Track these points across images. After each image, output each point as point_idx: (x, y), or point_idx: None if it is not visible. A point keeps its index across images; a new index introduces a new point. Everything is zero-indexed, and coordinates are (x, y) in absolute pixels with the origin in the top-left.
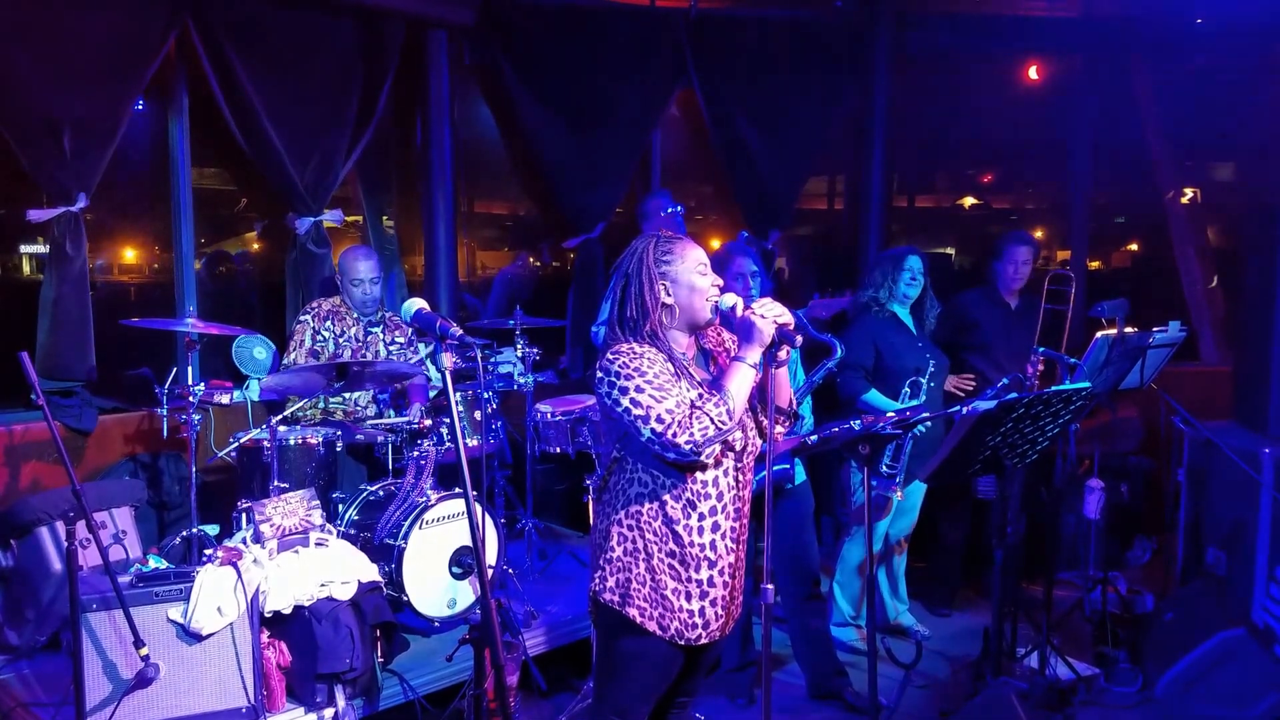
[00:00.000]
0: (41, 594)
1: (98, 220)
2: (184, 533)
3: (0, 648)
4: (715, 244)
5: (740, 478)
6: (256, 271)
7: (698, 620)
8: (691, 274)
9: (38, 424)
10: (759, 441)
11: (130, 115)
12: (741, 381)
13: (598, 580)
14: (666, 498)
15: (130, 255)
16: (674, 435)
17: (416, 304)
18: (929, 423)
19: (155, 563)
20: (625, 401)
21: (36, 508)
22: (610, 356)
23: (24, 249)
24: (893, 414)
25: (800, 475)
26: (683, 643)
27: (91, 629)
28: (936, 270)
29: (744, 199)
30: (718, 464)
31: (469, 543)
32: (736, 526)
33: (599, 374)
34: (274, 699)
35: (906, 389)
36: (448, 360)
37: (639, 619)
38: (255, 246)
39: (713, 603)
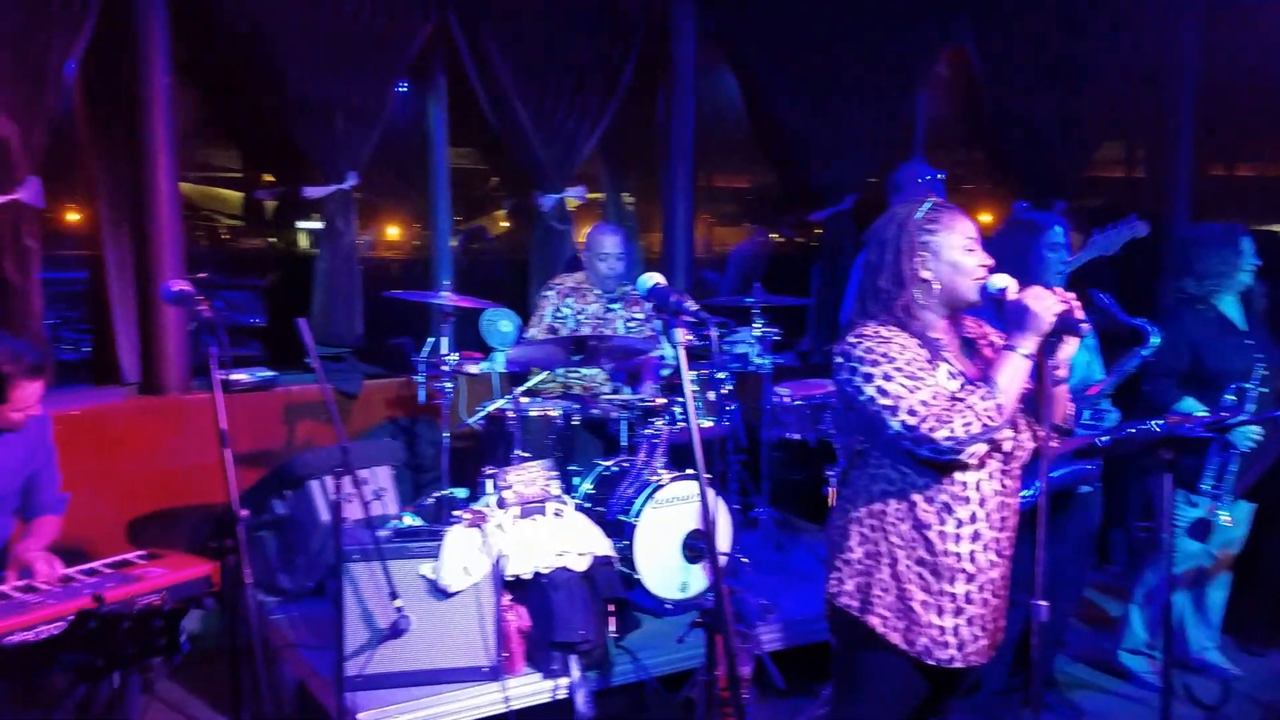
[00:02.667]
0: (311, 542)
1: (365, 199)
2: (436, 494)
3: (273, 590)
4: (986, 218)
5: (1007, 483)
6: (504, 247)
7: (950, 639)
8: (956, 248)
9: (312, 386)
10: (1030, 444)
11: (393, 97)
12: (1013, 373)
13: (834, 582)
14: (917, 498)
15: (394, 232)
16: (930, 430)
17: (653, 278)
18: (1257, 431)
19: (410, 520)
20: (870, 390)
21: (308, 462)
22: (853, 339)
23: (300, 225)
24: (1203, 413)
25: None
26: (931, 662)
27: (353, 578)
28: (1266, 253)
29: (1021, 166)
30: (980, 465)
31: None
32: (1001, 538)
33: (838, 358)
34: (514, 661)
35: (1231, 397)
36: (681, 336)
37: (880, 629)
38: (504, 224)
39: (970, 621)
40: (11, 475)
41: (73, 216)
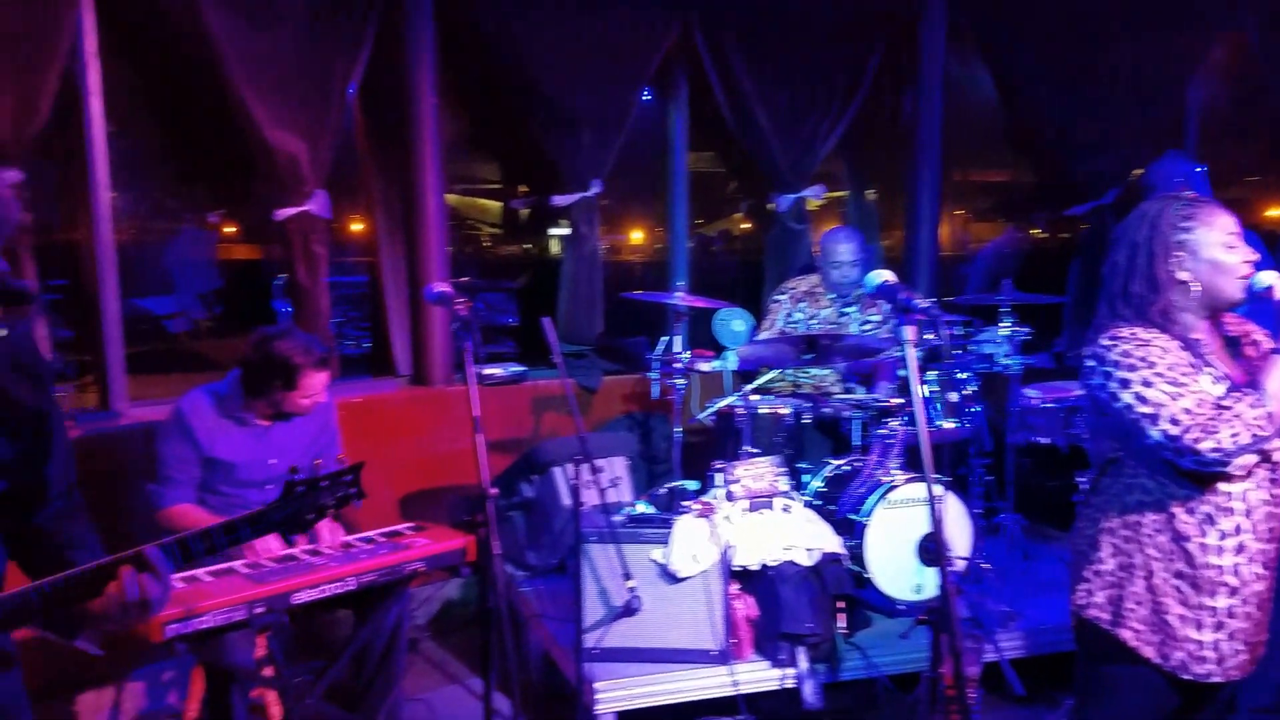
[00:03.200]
0: (554, 523)
1: (610, 205)
2: (667, 485)
3: (522, 565)
4: (1273, 212)
5: (1276, 493)
6: (741, 249)
7: (1209, 654)
8: (1216, 245)
9: (556, 381)
10: None
11: (636, 106)
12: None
13: (1082, 593)
14: (1177, 510)
15: (636, 236)
16: (1195, 441)
17: (882, 275)
18: None
19: (643, 508)
20: (1127, 396)
21: (553, 450)
22: (1107, 342)
23: (552, 231)
24: None
25: None
26: (1187, 677)
27: (590, 558)
28: None
29: None
30: (1248, 475)
31: (945, 530)
32: (1268, 549)
33: (1090, 361)
34: (741, 648)
35: None
36: (909, 333)
37: (1133, 643)
38: (743, 226)
39: (1230, 636)
40: (302, 453)
41: (355, 226)
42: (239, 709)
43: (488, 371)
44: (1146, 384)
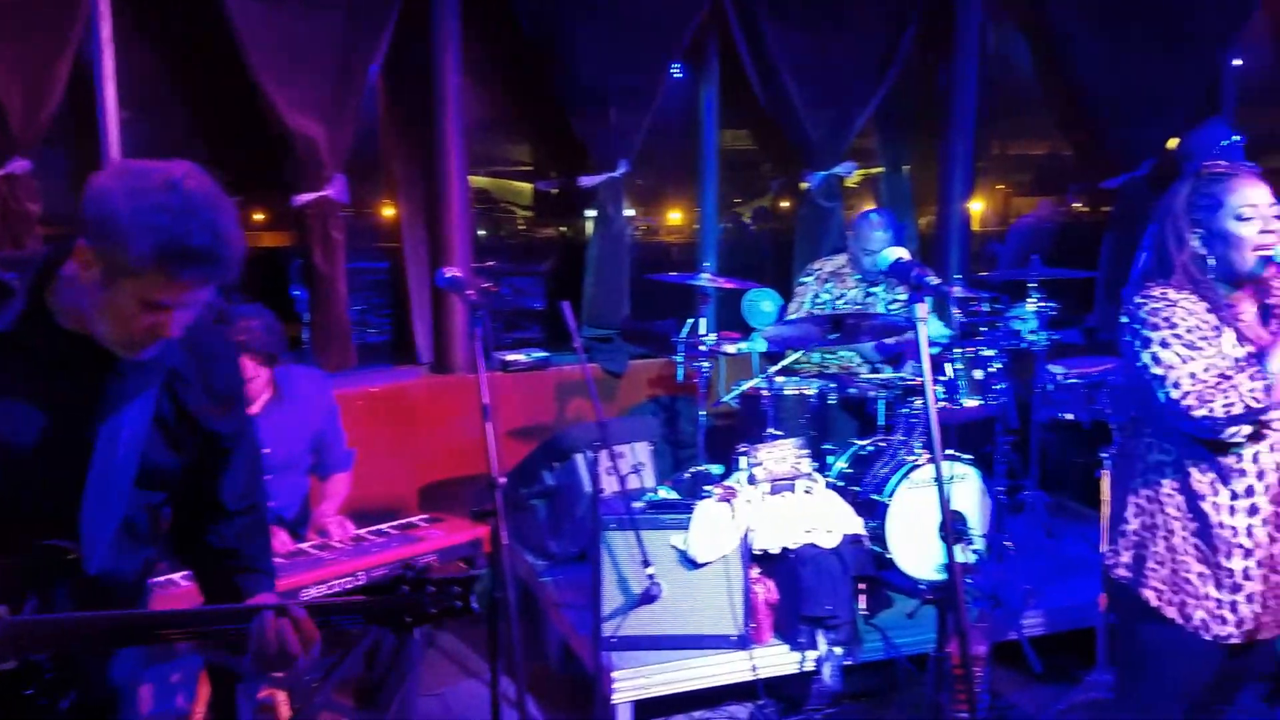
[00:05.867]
0: (575, 511)
1: (645, 185)
2: (692, 469)
3: (544, 555)
4: None
5: None
6: (774, 228)
7: (1227, 614)
8: (1227, 220)
9: (580, 366)
10: None
11: (666, 82)
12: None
13: (1110, 554)
14: (1192, 469)
15: (675, 217)
16: (1190, 407)
17: (895, 253)
18: None
19: (665, 493)
20: (1146, 356)
21: (575, 436)
22: (1139, 300)
23: (587, 213)
24: None
25: None
26: (1208, 637)
27: (609, 546)
28: None
29: None
30: (1261, 437)
31: (960, 508)
32: None
33: (1124, 318)
34: (761, 632)
35: None
36: (922, 310)
37: (1155, 602)
38: (779, 204)
39: (1249, 598)
40: (294, 440)
41: (385, 211)
42: (244, 710)
43: (510, 358)
44: (1164, 344)
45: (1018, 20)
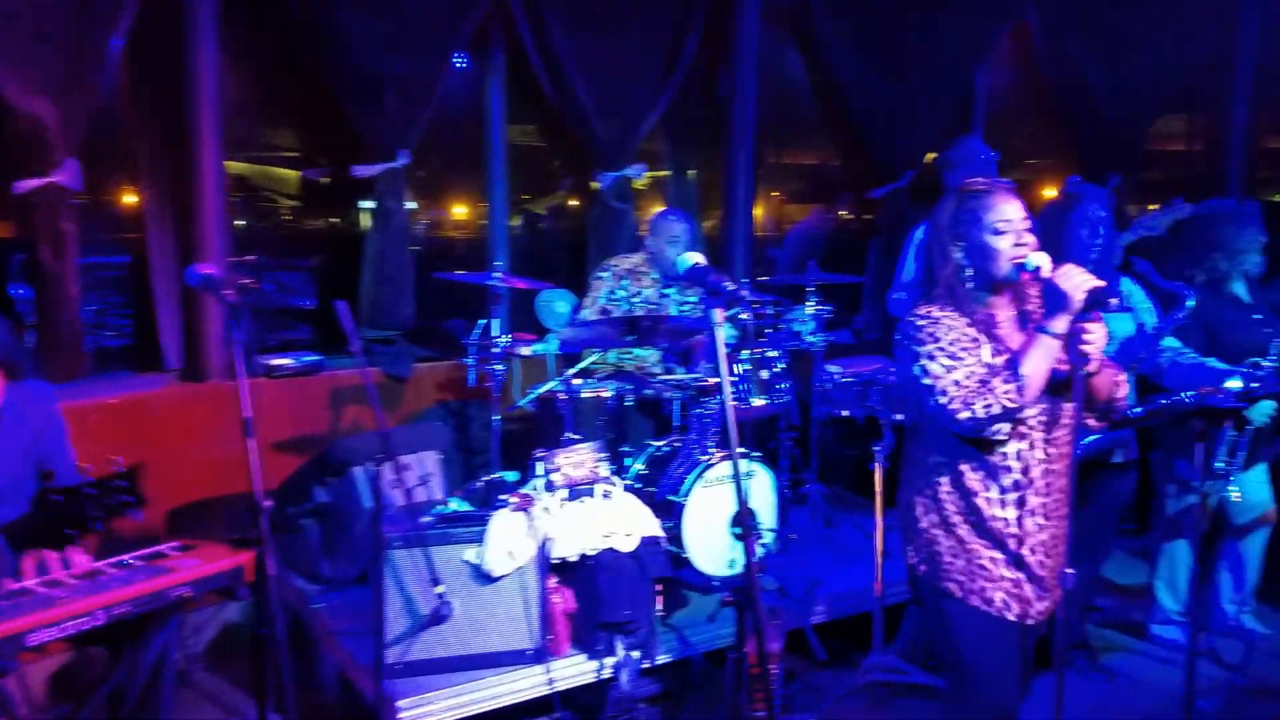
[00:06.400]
0: (353, 529)
1: (428, 177)
2: (485, 477)
3: (315, 579)
4: (1048, 193)
5: (1051, 451)
6: (565, 228)
7: (1015, 596)
8: (985, 233)
9: (358, 370)
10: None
11: (449, 73)
12: (1040, 355)
13: (910, 553)
14: (964, 468)
15: (459, 211)
16: (955, 411)
17: (692, 258)
18: (1271, 406)
19: (456, 505)
20: (916, 369)
21: (352, 448)
22: (910, 318)
23: (362, 204)
24: (1236, 383)
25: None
26: (1012, 618)
27: (394, 565)
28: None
29: (1080, 140)
30: (1021, 437)
31: (754, 504)
32: (1048, 502)
33: (899, 336)
34: (559, 643)
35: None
36: (719, 315)
37: (959, 594)
38: (567, 203)
39: (1030, 579)
40: (13, 462)
41: (126, 199)
42: None
43: (277, 362)
44: (930, 357)
45: (790, 35)
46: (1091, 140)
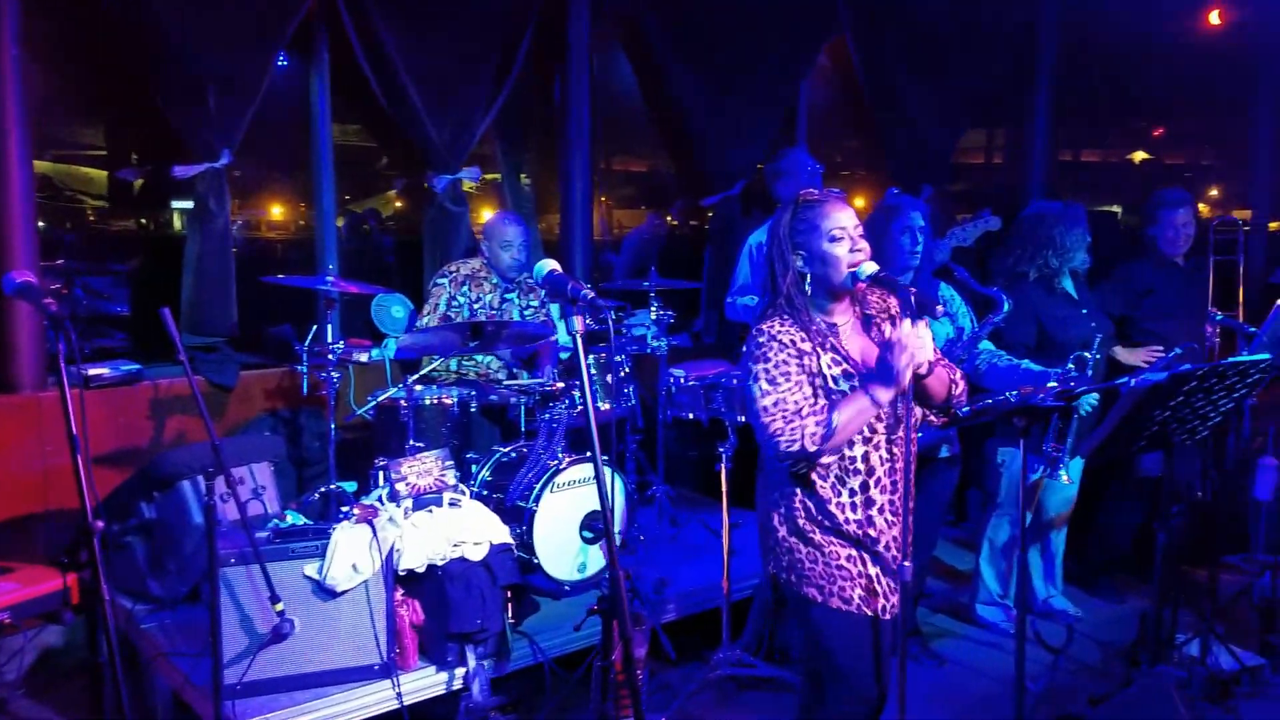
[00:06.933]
0: (183, 546)
1: (246, 178)
2: (322, 489)
3: (144, 598)
4: (860, 202)
5: (895, 450)
6: (396, 230)
7: (874, 590)
8: (823, 242)
9: (182, 379)
10: (918, 411)
11: (273, 71)
12: (857, 414)
13: (771, 563)
14: (814, 477)
15: (277, 212)
16: (764, 436)
17: (549, 265)
18: (1095, 398)
19: (293, 518)
20: (751, 385)
21: (179, 461)
22: (753, 333)
23: (175, 204)
24: (1054, 384)
25: (947, 448)
26: (870, 613)
27: (229, 583)
28: (1102, 230)
29: (894, 153)
30: (867, 440)
31: (599, 507)
32: (895, 500)
33: (744, 350)
34: (406, 657)
35: (1071, 365)
36: (579, 323)
37: (819, 598)
38: (396, 205)
39: (884, 573)
40: None
41: None
42: None
43: (93, 372)
44: (755, 378)
45: (622, 45)
46: (906, 153)
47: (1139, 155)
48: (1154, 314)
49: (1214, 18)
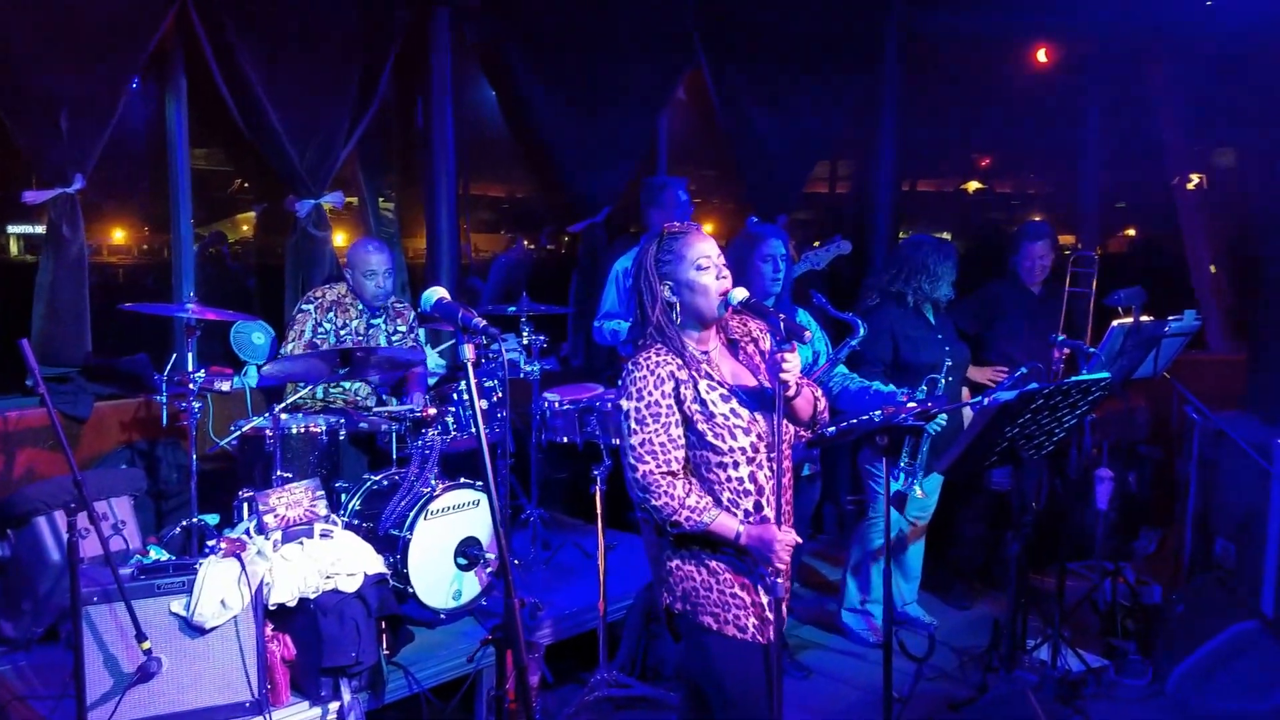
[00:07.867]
0: (39, 585)
1: (93, 201)
2: (184, 522)
3: None
4: (708, 228)
5: (778, 467)
6: (255, 255)
7: (766, 617)
8: (690, 271)
9: (33, 411)
10: (791, 429)
11: (127, 95)
12: (725, 530)
13: (665, 595)
14: None
15: (119, 236)
16: (633, 472)
17: (437, 293)
18: (947, 417)
19: (156, 553)
20: (622, 421)
21: (34, 497)
22: (629, 366)
23: (12, 229)
24: (914, 404)
25: (809, 467)
26: (764, 641)
27: (92, 622)
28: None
29: (750, 182)
30: (750, 460)
31: (474, 533)
32: (786, 512)
33: (621, 381)
34: (278, 692)
35: (923, 387)
36: (470, 351)
37: (715, 625)
38: (253, 230)
39: (779, 595)
40: None
41: None
42: None
43: None
44: (626, 415)
45: (485, 73)
46: (760, 182)
47: (972, 185)
48: (1005, 334)
49: (1041, 55)
